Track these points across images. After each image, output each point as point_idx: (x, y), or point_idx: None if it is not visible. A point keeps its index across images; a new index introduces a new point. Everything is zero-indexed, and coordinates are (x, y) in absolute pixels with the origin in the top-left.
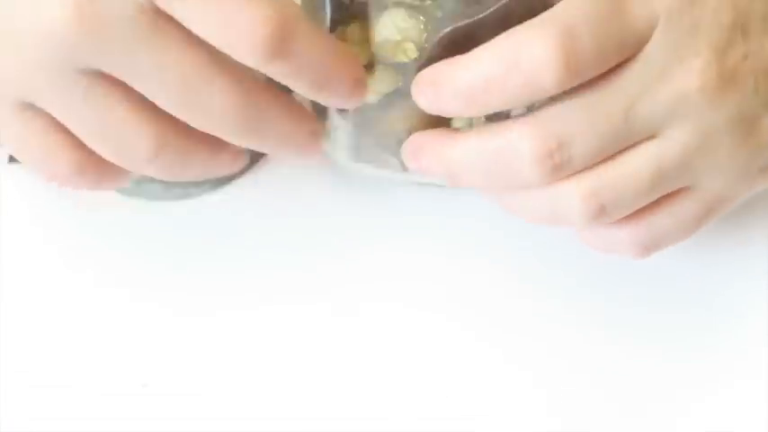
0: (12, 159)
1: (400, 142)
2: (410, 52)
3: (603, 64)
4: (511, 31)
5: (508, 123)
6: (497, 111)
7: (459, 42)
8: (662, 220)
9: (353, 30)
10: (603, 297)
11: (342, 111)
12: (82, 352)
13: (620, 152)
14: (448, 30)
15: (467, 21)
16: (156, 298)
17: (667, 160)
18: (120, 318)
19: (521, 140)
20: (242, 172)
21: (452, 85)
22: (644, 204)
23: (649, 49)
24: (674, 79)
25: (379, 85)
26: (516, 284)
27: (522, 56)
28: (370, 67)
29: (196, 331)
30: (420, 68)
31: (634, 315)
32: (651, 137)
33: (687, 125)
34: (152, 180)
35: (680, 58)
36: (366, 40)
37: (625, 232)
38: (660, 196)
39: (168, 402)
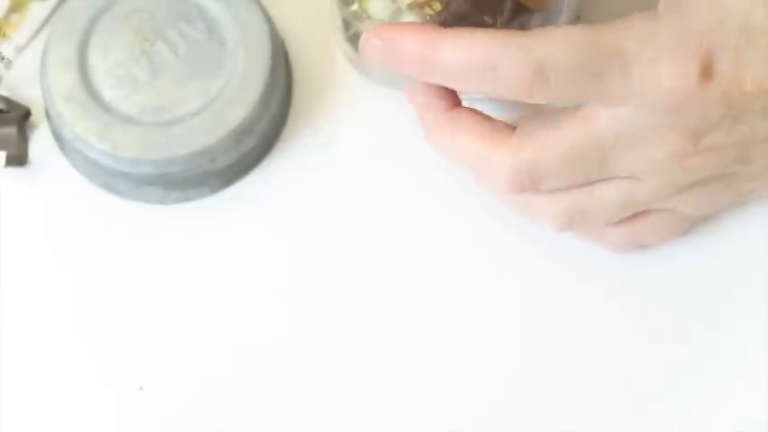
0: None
1: None
2: (436, 6)
3: (564, 97)
4: (500, 35)
5: (498, 140)
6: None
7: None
8: (642, 227)
9: None
10: (602, 294)
11: None
12: (79, 354)
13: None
14: None
15: None
16: (152, 300)
17: (637, 197)
18: (116, 320)
19: (500, 165)
20: (239, 177)
21: (430, 58)
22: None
23: (628, 115)
24: (649, 145)
25: None
26: (516, 281)
27: (497, 66)
28: (395, 14)
29: (193, 333)
30: (443, 19)
31: (634, 313)
32: (625, 177)
33: (660, 179)
34: (152, 184)
35: (659, 130)
36: None
37: (604, 231)
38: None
39: (164, 405)
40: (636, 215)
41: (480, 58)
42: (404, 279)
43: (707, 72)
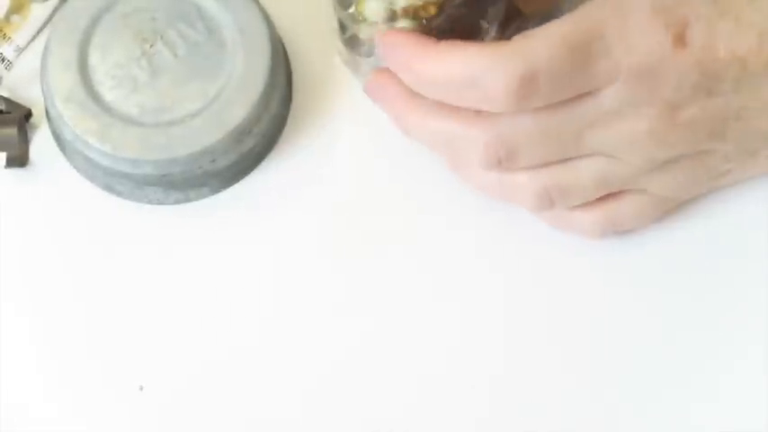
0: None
1: None
2: (431, 10)
3: (555, 99)
4: (484, 48)
5: (470, 116)
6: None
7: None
8: (619, 209)
9: None
10: (599, 291)
11: (367, 51)
12: (79, 354)
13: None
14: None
15: None
16: (153, 300)
17: (614, 174)
18: (117, 320)
19: (476, 139)
20: (239, 178)
21: (418, 71)
22: (594, 199)
23: (606, 93)
24: (625, 120)
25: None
26: (515, 280)
27: (481, 81)
28: (390, 18)
29: (193, 333)
30: (438, 24)
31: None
32: (602, 153)
33: (636, 156)
34: (152, 184)
35: (634, 105)
36: None
37: (582, 216)
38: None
39: (165, 405)
40: (612, 196)
41: (463, 73)
42: (404, 278)
43: (680, 39)
